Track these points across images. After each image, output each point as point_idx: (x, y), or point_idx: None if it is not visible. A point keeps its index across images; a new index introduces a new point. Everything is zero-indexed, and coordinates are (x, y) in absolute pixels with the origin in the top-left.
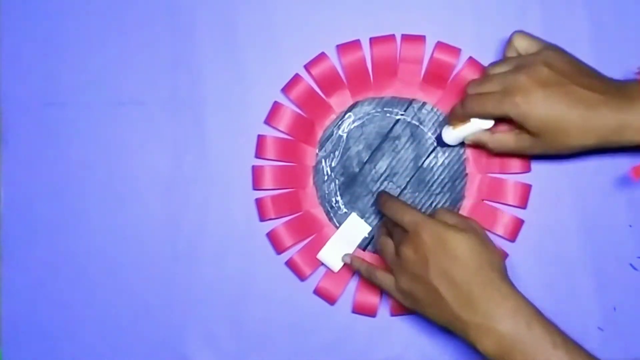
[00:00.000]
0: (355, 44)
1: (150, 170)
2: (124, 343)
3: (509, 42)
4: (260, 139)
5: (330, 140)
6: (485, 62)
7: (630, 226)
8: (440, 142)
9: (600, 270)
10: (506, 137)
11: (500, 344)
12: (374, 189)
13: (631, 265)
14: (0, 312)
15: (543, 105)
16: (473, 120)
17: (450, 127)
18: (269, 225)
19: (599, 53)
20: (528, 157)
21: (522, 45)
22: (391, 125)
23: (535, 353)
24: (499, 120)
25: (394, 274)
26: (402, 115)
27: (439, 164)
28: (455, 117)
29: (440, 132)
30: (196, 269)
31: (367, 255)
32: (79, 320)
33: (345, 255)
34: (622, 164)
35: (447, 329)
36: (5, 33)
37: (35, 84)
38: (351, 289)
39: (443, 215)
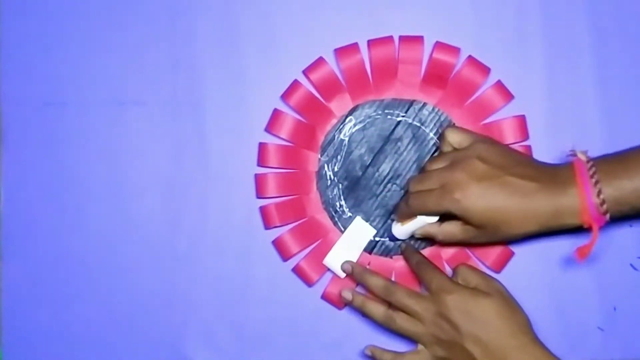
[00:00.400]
0: (354, 47)
1: (150, 170)
2: (124, 343)
3: (442, 137)
4: (262, 146)
5: (332, 144)
6: (485, 61)
7: (631, 226)
8: (391, 236)
9: (600, 270)
10: (453, 229)
11: None
12: (378, 192)
13: (631, 265)
14: (0, 312)
15: (481, 199)
16: (419, 216)
17: (399, 224)
18: (273, 232)
19: (599, 54)
20: (477, 245)
21: (455, 139)
22: (392, 127)
23: None
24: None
25: (425, 345)
26: (403, 116)
27: None
28: (401, 214)
29: (391, 227)
30: (199, 273)
31: (373, 259)
32: (79, 320)
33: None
34: None
35: None
36: (5, 33)
37: (35, 84)
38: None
39: (465, 276)
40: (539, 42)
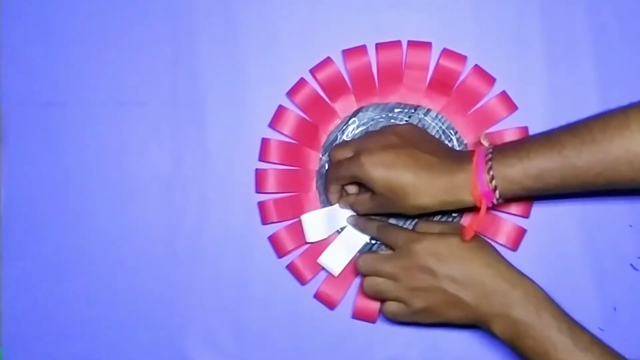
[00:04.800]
0: (361, 49)
1: (150, 170)
2: (124, 343)
3: None
4: (264, 142)
5: (334, 144)
6: (491, 70)
7: (631, 226)
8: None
9: (600, 270)
10: (364, 198)
11: (515, 330)
12: None
13: (631, 265)
14: (0, 312)
15: (382, 166)
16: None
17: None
18: (270, 228)
19: (600, 54)
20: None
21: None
22: None
23: (543, 337)
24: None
25: (404, 302)
26: (406, 121)
27: None
28: (328, 188)
29: None
30: (196, 270)
31: None
32: (79, 320)
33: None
34: None
35: (468, 325)
36: (5, 33)
37: (35, 84)
38: (352, 294)
39: (427, 227)
40: (540, 48)
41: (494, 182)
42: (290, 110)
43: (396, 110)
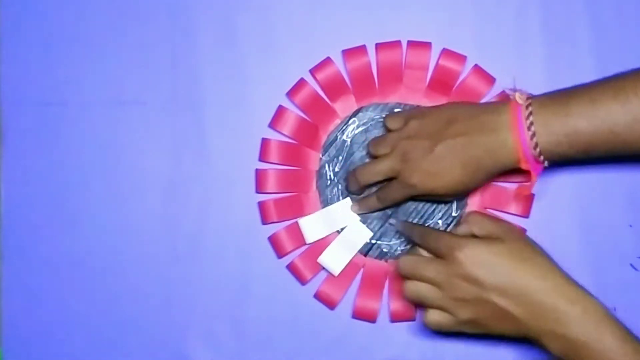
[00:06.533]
0: (361, 50)
1: (150, 170)
2: (124, 343)
3: (385, 127)
4: (264, 142)
5: (334, 145)
6: (490, 70)
7: (631, 226)
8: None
9: (600, 270)
10: (396, 186)
11: (571, 348)
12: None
13: (631, 265)
14: (0, 312)
15: (431, 178)
16: None
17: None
18: (270, 228)
19: (600, 54)
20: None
21: (394, 125)
22: None
23: (603, 358)
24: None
25: (449, 311)
26: None
27: None
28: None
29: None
30: (196, 270)
31: (368, 261)
32: (79, 320)
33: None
34: (625, 169)
35: (520, 338)
36: (5, 33)
37: (35, 84)
38: (352, 294)
39: (475, 225)
40: (540, 48)
41: (541, 157)
42: (290, 111)
43: (396, 110)
